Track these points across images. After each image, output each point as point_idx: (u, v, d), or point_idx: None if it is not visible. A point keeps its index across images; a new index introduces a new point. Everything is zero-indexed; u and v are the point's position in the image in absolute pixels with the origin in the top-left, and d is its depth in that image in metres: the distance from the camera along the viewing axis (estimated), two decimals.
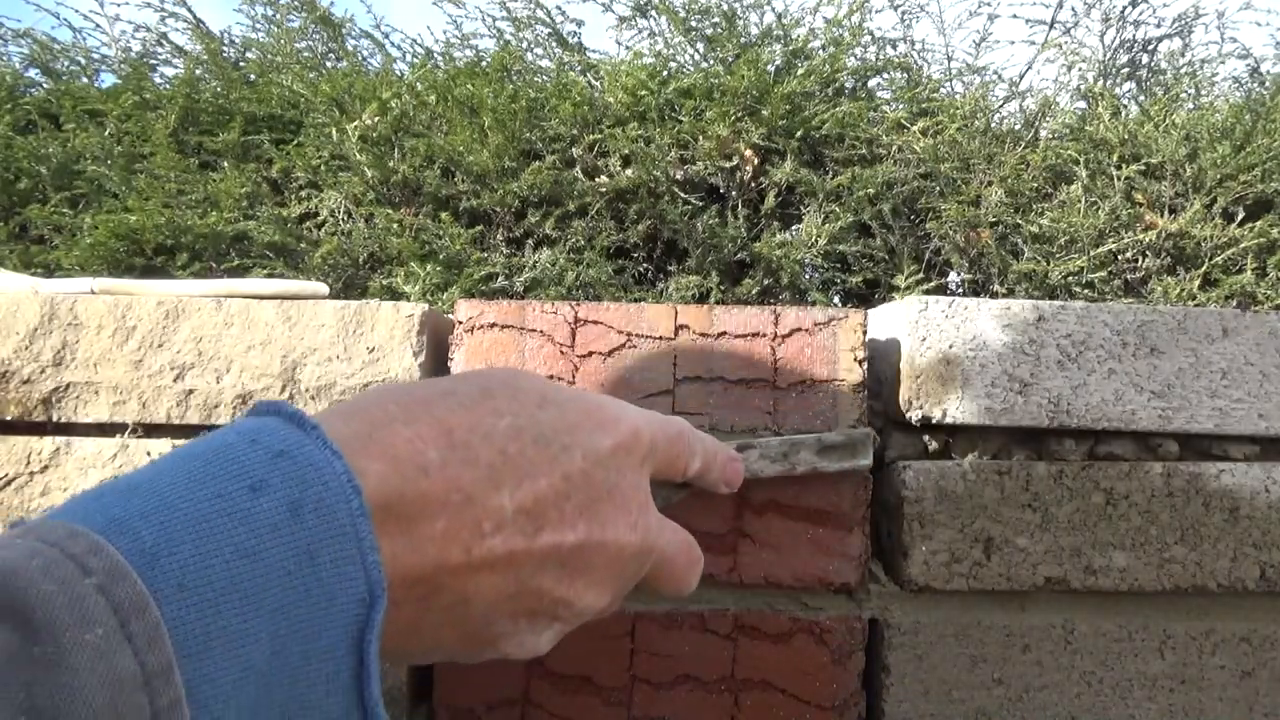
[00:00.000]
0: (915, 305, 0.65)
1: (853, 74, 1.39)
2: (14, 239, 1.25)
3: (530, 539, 0.35)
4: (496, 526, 0.34)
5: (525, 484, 0.35)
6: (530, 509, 0.35)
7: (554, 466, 0.36)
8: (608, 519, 0.38)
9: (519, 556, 0.34)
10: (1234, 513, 0.64)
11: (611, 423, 0.39)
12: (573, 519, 0.36)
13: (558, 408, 0.38)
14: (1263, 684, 0.64)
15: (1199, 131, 1.26)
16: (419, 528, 0.32)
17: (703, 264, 1.20)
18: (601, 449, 0.38)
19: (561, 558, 0.36)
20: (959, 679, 0.64)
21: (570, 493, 0.36)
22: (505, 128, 1.19)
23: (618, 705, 0.63)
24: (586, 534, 0.37)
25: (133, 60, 1.49)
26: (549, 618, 0.38)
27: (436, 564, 0.32)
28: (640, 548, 0.40)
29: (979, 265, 1.21)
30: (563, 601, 0.37)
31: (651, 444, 0.42)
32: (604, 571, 0.38)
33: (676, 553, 0.44)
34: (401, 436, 0.33)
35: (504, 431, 0.35)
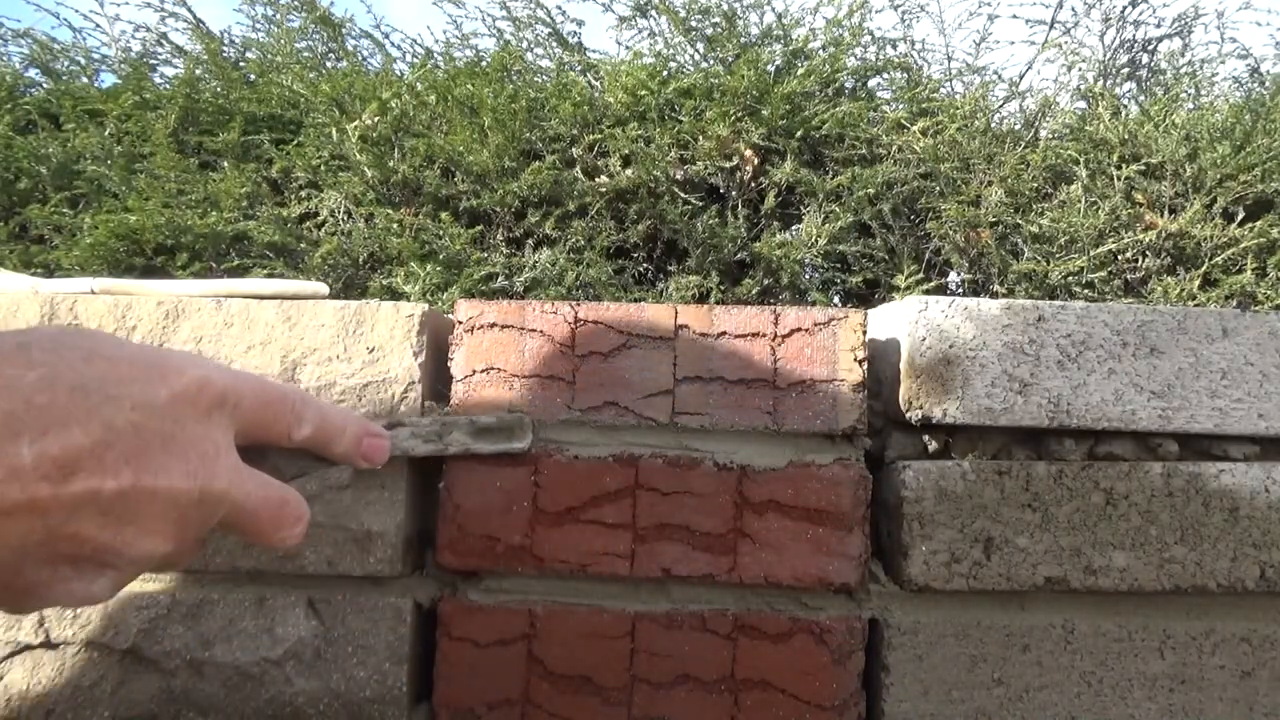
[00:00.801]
0: (915, 305, 0.65)
1: (853, 74, 1.39)
2: (14, 239, 1.25)
3: (57, 486, 0.35)
4: (11, 474, 0.34)
5: (53, 433, 0.35)
6: (58, 457, 0.35)
7: (92, 416, 0.36)
8: (160, 467, 0.38)
9: (44, 502, 0.35)
10: (1234, 513, 0.64)
11: (173, 373, 0.40)
12: (115, 467, 0.36)
13: (108, 361, 0.38)
14: (1263, 684, 0.64)
15: (1199, 131, 1.26)
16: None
17: (703, 264, 1.20)
18: (156, 399, 0.39)
19: (102, 505, 0.36)
20: (959, 679, 0.64)
21: (113, 441, 0.37)
22: (505, 128, 1.19)
23: (618, 705, 0.63)
24: (134, 480, 0.37)
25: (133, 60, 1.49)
26: (97, 564, 0.38)
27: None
28: (200, 495, 0.40)
29: (979, 265, 1.21)
30: (109, 548, 0.37)
31: (223, 396, 0.42)
32: (158, 519, 0.38)
33: (259, 504, 0.44)
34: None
35: (32, 383, 0.35)
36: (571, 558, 0.64)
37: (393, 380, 0.66)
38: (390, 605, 0.65)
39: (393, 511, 0.65)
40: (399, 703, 0.64)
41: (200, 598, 0.65)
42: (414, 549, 0.68)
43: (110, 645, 0.64)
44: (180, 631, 0.64)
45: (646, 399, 0.65)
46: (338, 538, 0.65)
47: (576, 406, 0.65)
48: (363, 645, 0.64)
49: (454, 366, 0.66)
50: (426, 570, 0.68)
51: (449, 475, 0.65)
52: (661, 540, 0.64)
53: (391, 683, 0.64)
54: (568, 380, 0.65)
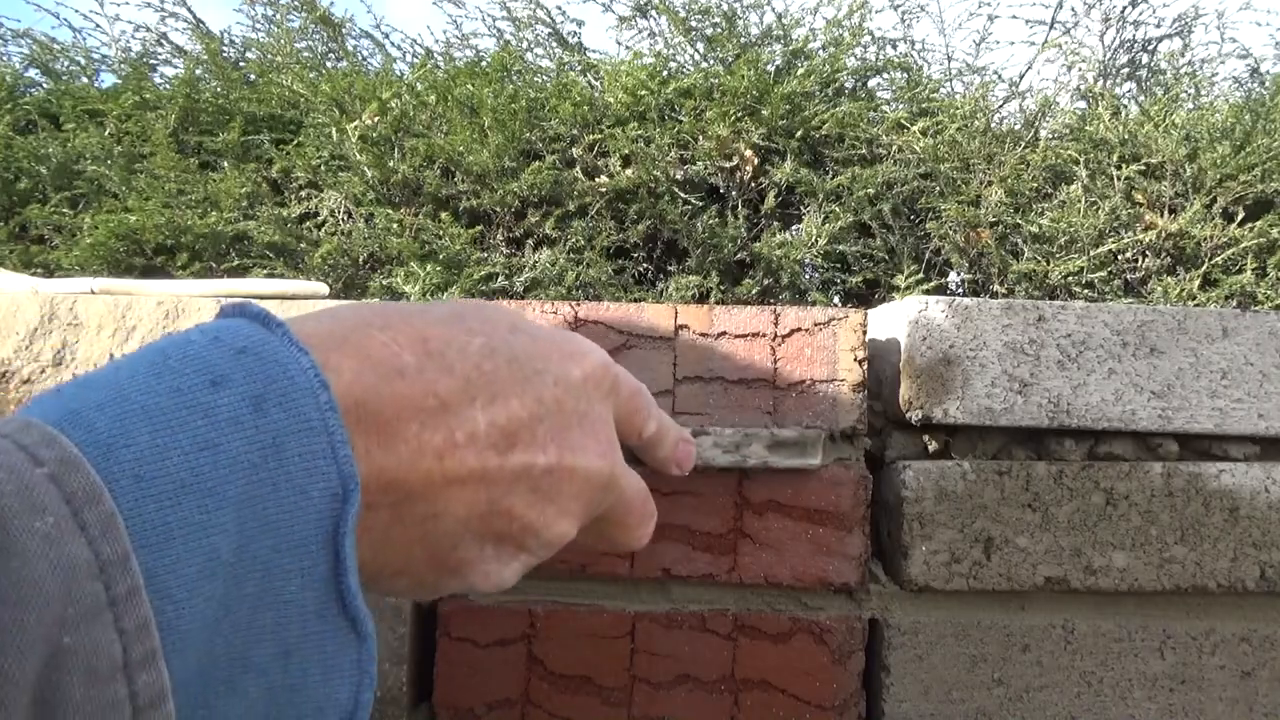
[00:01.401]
0: (915, 305, 0.65)
1: (853, 74, 1.39)
2: (14, 239, 1.25)
3: (503, 456, 0.34)
4: (470, 439, 0.33)
5: (499, 401, 0.35)
6: (504, 426, 0.35)
7: (526, 388, 0.36)
8: (578, 445, 0.38)
9: (491, 473, 0.34)
10: (1234, 513, 0.64)
11: (581, 354, 0.40)
12: (544, 441, 0.36)
13: (529, 335, 0.38)
14: (1263, 684, 0.64)
15: (1199, 131, 1.26)
16: (393, 429, 0.32)
17: (703, 264, 1.20)
18: (572, 377, 0.38)
19: (533, 480, 0.36)
20: (959, 679, 0.64)
21: (543, 416, 0.36)
22: (505, 128, 1.19)
23: (618, 705, 0.63)
24: (558, 458, 0.36)
25: (133, 60, 1.49)
26: (515, 546, 0.37)
27: (410, 469, 0.32)
28: (609, 477, 0.40)
29: (979, 265, 1.21)
30: (531, 528, 0.37)
31: (617, 382, 0.42)
32: (573, 499, 0.38)
33: (635, 497, 0.43)
34: (377, 340, 0.32)
35: (478, 349, 0.35)
36: (571, 557, 0.64)
37: None
38: (390, 605, 0.65)
39: None
40: (399, 703, 0.64)
41: None
42: None
43: None
44: None
45: None
46: None
47: None
48: None
49: None
50: None
51: None
52: (661, 540, 0.64)
53: (391, 683, 0.64)
54: None
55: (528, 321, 0.39)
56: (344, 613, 0.29)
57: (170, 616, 0.24)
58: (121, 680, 0.23)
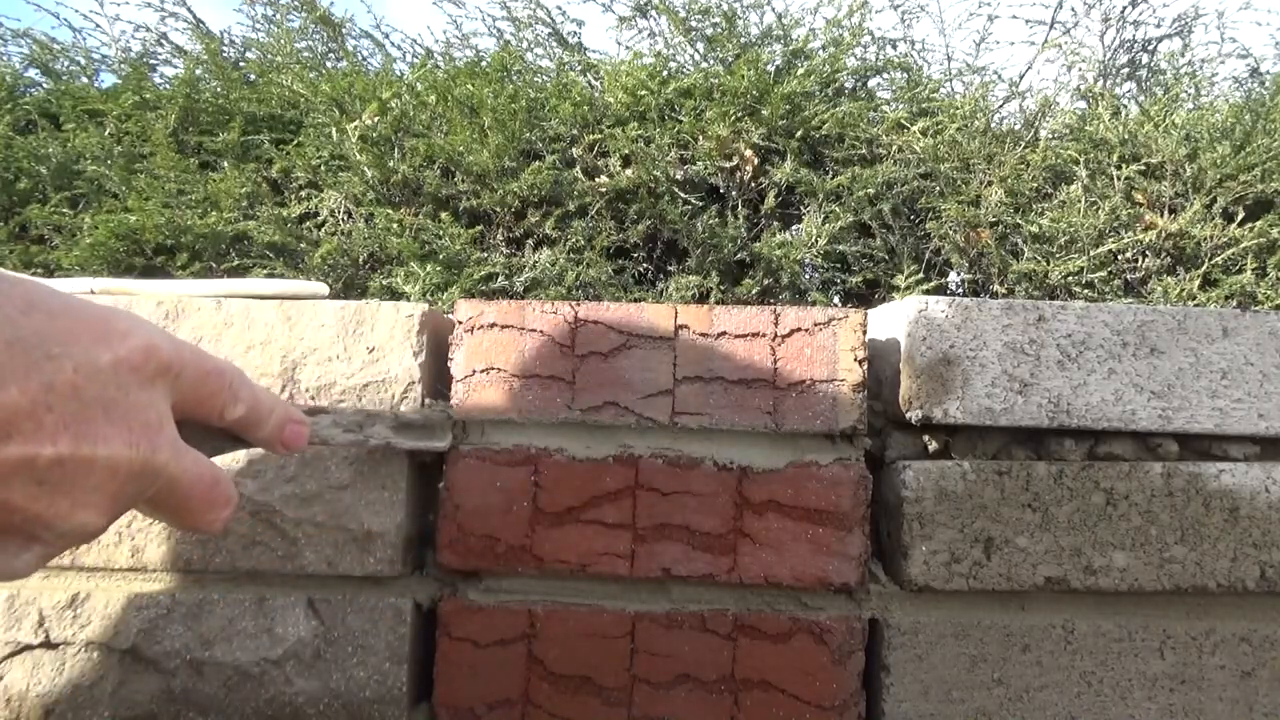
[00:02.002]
0: (915, 305, 0.65)
1: (853, 74, 1.39)
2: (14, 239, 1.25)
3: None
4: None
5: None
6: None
7: (31, 374, 0.33)
8: (100, 435, 0.36)
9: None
10: (1234, 513, 0.64)
11: (118, 336, 0.37)
12: (54, 432, 0.34)
13: (47, 315, 0.35)
14: (1263, 684, 0.64)
15: (1199, 131, 1.26)
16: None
17: (703, 264, 1.20)
18: (100, 361, 0.36)
19: (37, 473, 0.34)
20: (959, 679, 0.64)
21: (53, 404, 0.34)
22: (505, 128, 1.19)
23: (618, 705, 0.63)
24: (72, 448, 0.34)
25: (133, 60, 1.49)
26: (24, 537, 0.36)
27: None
28: (142, 467, 0.38)
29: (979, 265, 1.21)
30: (39, 520, 0.35)
31: (168, 366, 0.40)
32: (94, 491, 0.36)
33: (194, 482, 0.41)
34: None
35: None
36: (571, 558, 0.64)
37: (393, 380, 0.66)
38: (390, 605, 0.65)
39: (393, 511, 0.65)
40: (399, 703, 0.64)
41: (200, 598, 0.65)
42: (414, 549, 0.68)
43: (110, 645, 0.64)
44: (180, 631, 0.64)
45: (646, 399, 0.65)
46: (338, 538, 0.65)
47: (576, 406, 0.65)
48: (363, 645, 0.64)
49: (454, 366, 0.66)
50: (426, 570, 0.68)
51: (449, 475, 0.65)
52: (661, 540, 0.64)
53: (391, 683, 0.64)
54: (568, 380, 0.65)
55: (55, 296, 0.37)
56: None
57: None
58: None
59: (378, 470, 0.64)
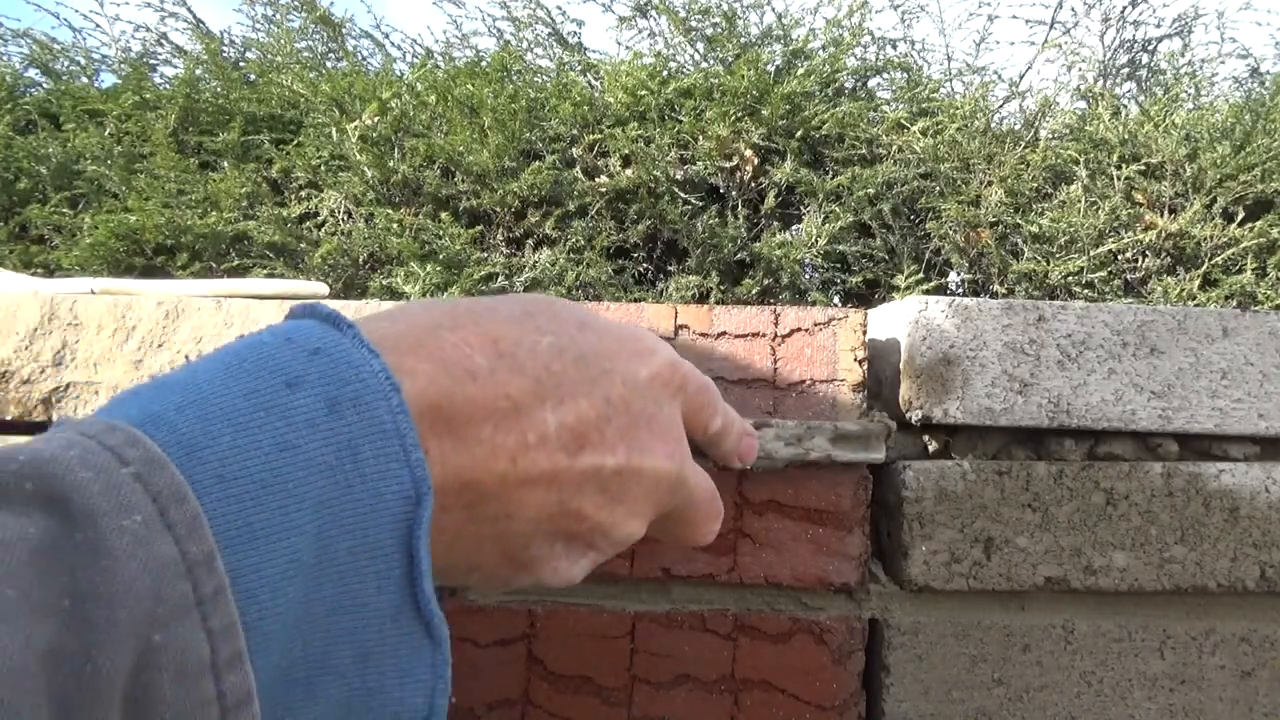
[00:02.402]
0: (915, 305, 0.65)
1: (853, 74, 1.39)
2: (14, 239, 1.25)
3: (573, 457, 0.34)
4: (541, 440, 0.33)
5: (568, 402, 0.34)
6: (573, 427, 0.34)
7: (594, 388, 0.36)
8: (646, 446, 0.37)
9: (561, 474, 0.34)
10: (1234, 513, 0.64)
11: (648, 352, 0.39)
12: (613, 442, 0.36)
13: (596, 333, 0.38)
14: (1263, 684, 0.64)
15: (1199, 131, 1.26)
16: (466, 431, 0.32)
17: (703, 264, 1.20)
18: (639, 377, 0.38)
19: (602, 481, 0.36)
20: (959, 679, 0.64)
21: (611, 416, 0.36)
22: (505, 128, 1.19)
23: (618, 705, 0.63)
24: (626, 459, 0.36)
25: (133, 60, 1.49)
26: (585, 544, 0.37)
27: (484, 470, 0.32)
28: (677, 478, 0.39)
29: (979, 265, 1.21)
30: (600, 528, 0.37)
31: (684, 381, 0.41)
32: (642, 500, 0.38)
33: (703, 496, 0.43)
34: (449, 341, 0.33)
35: (547, 348, 0.35)
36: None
37: None
38: None
39: None
40: None
41: None
42: None
43: None
44: None
45: None
46: None
47: None
48: None
49: None
50: None
51: None
52: None
53: None
54: None
55: (595, 317, 0.39)
56: (418, 616, 0.29)
57: (254, 617, 0.25)
58: (210, 679, 0.23)
59: None
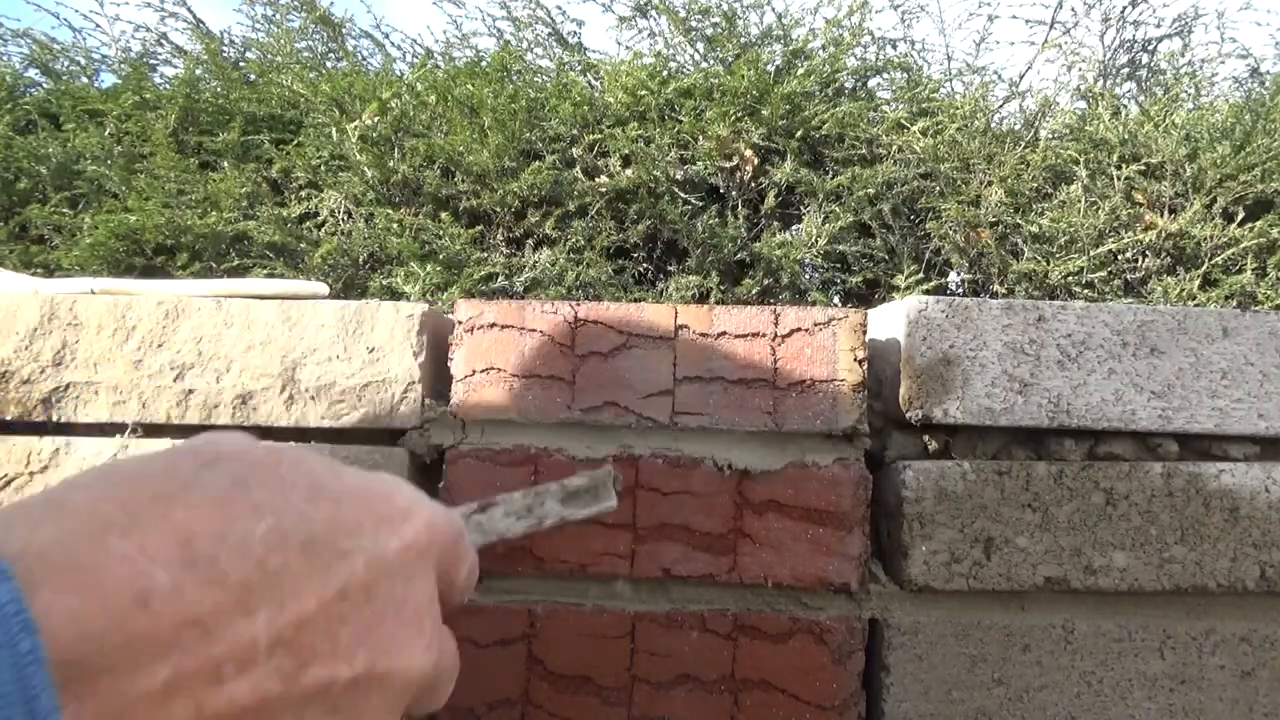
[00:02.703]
0: (915, 305, 0.65)
1: (853, 74, 1.39)
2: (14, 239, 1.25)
3: (290, 680, 0.28)
4: (242, 667, 0.26)
5: (290, 605, 0.28)
6: (292, 640, 0.28)
7: (327, 579, 0.29)
8: (395, 643, 0.31)
9: (273, 704, 0.27)
10: (1234, 513, 0.64)
11: (400, 517, 0.33)
12: (350, 648, 0.29)
13: (333, 501, 0.31)
14: (1263, 684, 0.64)
15: (1199, 131, 1.26)
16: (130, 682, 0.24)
17: (703, 264, 1.20)
18: (388, 552, 0.31)
19: (333, 700, 0.29)
20: (959, 679, 0.64)
21: (346, 615, 0.29)
22: (505, 128, 1.19)
23: (618, 705, 0.63)
24: (368, 665, 0.30)
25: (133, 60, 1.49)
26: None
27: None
28: (433, 675, 0.34)
29: (979, 265, 1.21)
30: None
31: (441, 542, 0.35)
32: (383, 710, 0.31)
33: (452, 667, 0.37)
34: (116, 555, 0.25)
35: (263, 537, 0.28)
36: (571, 558, 0.64)
37: (393, 380, 0.66)
38: None
39: None
40: None
41: None
42: None
43: None
44: None
45: (646, 399, 0.65)
46: None
47: (576, 406, 0.65)
48: None
49: (454, 366, 0.66)
50: None
51: (449, 476, 0.65)
52: (661, 540, 0.64)
53: None
54: (568, 380, 0.65)
55: (335, 476, 0.32)
56: None
57: None
58: None
59: (378, 471, 0.64)
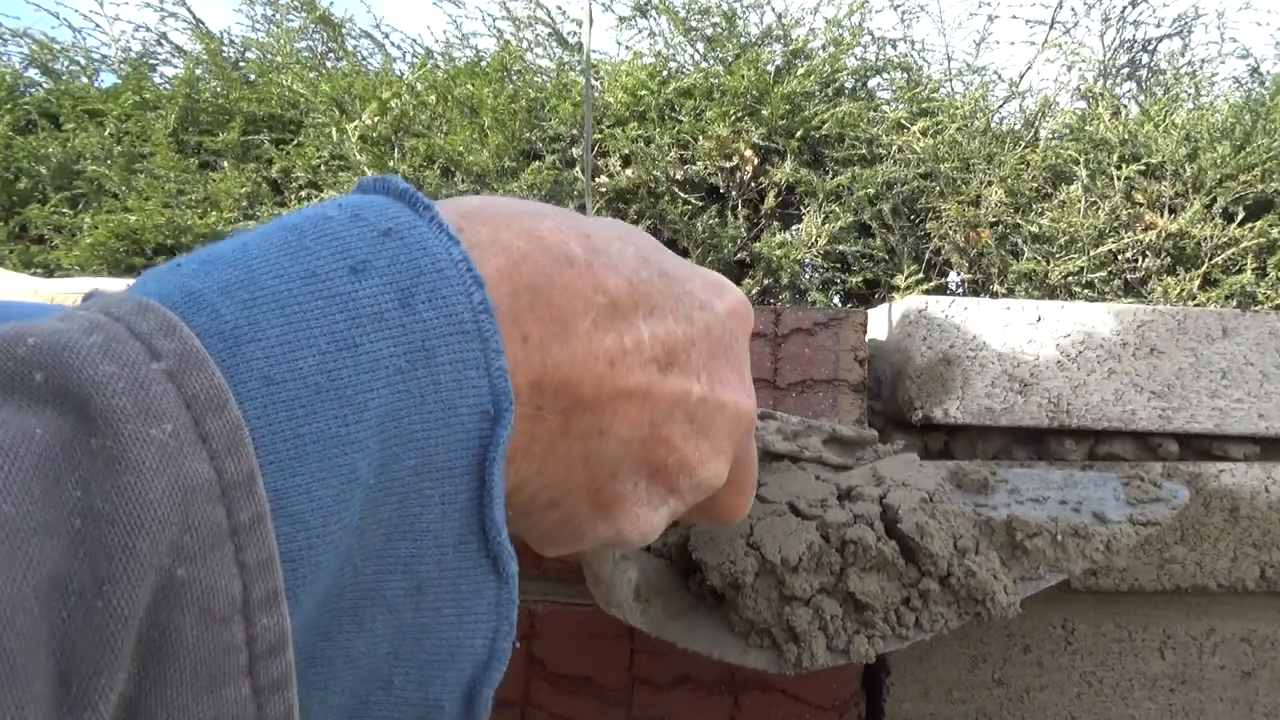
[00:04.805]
0: (915, 305, 0.65)
1: (853, 74, 1.39)
2: (14, 239, 1.25)
3: (662, 375, 0.31)
4: (636, 347, 0.30)
5: (657, 314, 0.31)
6: (664, 341, 0.31)
7: (679, 306, 0.32)
8: (726, 378, 0.34)
9: (655, 391, 0.31)
10: (1234, 513, 0.64)
11: (724, 286, 0.37)
12: (698, 368, 0.33)
13: (673, 258, 0.35)
14: (1263, 684, 0.64)
15: (1199, 131, 1.26)
16: (567, 321, 0.28)
17: (703, 263, 1.20)
18: (716, 307, 0.35)
19: (689, 408, 0.32)
20: (959, 679, 0.64)
21: (695, 338, 0.33)
22: (505, 128, 1.19)
23: (618, 705, 0.63)
24: (709, 389, 0.33)
25: (133, 60, 1.49)
26: (668, 486, 0.34)
27: (584, 370, 0.28)
28: (751, 419, 0.36)
29: (979, 265, 1.21)
30: (685, 463, 0.33)
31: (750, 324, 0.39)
32: (724, 437, 0.35)
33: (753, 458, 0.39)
34: (545, 224, 0.29)
35: (633, 255, 0.31)
36: (571, 558, 0.64)
37: None
38: None
39: None
40: None
41: None
42: None
43: None
44: None
45: None
46: None
47: None
48: None
49: None
50: None
51: None
52: None
53: None
54: None
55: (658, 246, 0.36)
56: (485, 549, 0.26)
57: (300, 545, 0.21)
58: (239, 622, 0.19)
59: None
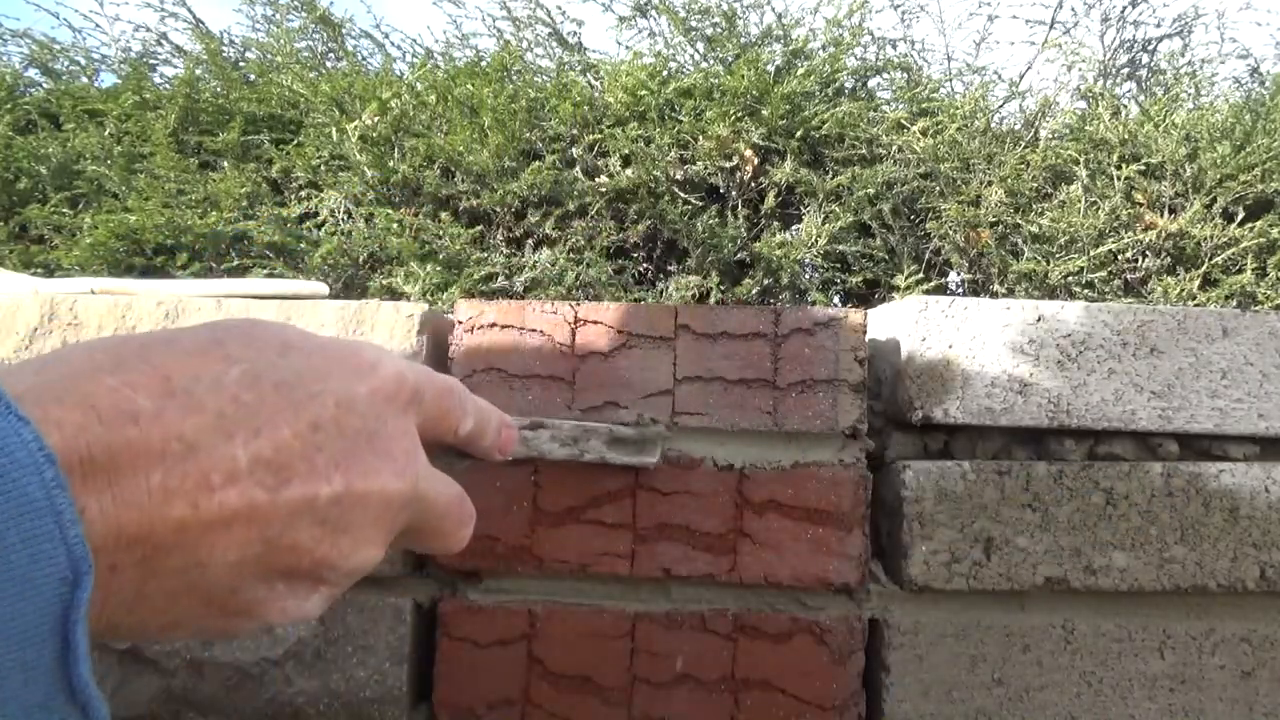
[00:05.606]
0: (915, 305, 0.65)
1: (853, 74, 1.39)
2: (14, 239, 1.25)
3: (274, 492, 0.32)
4: (229, 478, 0.31)
5: (265, 433, 0.32)
6: (272, 460, 0.32)
7: (299, 414, 0.34)
8: (370, 468, 0.36)
9: (261, 510, 0.32)
10: (1234, 513, 0.64)
11: (368, 367, 0.38)
12: (327, 470, 0.34)
13: (303, 354, 0.36)
14: (1263, 684, 0.64)
15: (1199, 131, 1.26)
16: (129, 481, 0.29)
17: (703, 264, 1.20)
18: (357, 395, 0.36)
19: (319, 512, 0.34)
20: (959, 679, 0.64)
21: (322, 443, 0.34)
22: (505, 128, 1.19)
23: (618, 705, 0.63)
24: (345, 486, 0.34)
25: (133, 60, 1.49)
26: (312, 580, 0.36)
27: (157, 520, 0.30)
28: (409, 495, 0.38)
29: (979, 265, 1.21)
30: (325, 562, 0.35)
31: (416, 391, 0.40)
32: (369, 526, 0.36)
33: (448, 504, 0.42)
34: (104, 386, 0.30)
35: (236, 379, 0.33)
36: (571, 558, 0.64)
37: None
38: (390, 605, 0.65)
39: None
40: (399, 703, 0.64)
41: None
42: None
43: (109, 645, 0.64)
44: None
45: (646, 399, 0.65)
46: None
47: (577, 406, 0.65)
48: (363, 645, 0.64)
49: (454, 367, 0.66)
50: (426, 570, 0.68)
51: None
52: (661, 540, 0.64)
53: (391, 683, 0.64)
54: (568, 380, 0.65)
55: (305, 337, 0.37)
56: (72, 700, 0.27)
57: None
58: None
59: None
